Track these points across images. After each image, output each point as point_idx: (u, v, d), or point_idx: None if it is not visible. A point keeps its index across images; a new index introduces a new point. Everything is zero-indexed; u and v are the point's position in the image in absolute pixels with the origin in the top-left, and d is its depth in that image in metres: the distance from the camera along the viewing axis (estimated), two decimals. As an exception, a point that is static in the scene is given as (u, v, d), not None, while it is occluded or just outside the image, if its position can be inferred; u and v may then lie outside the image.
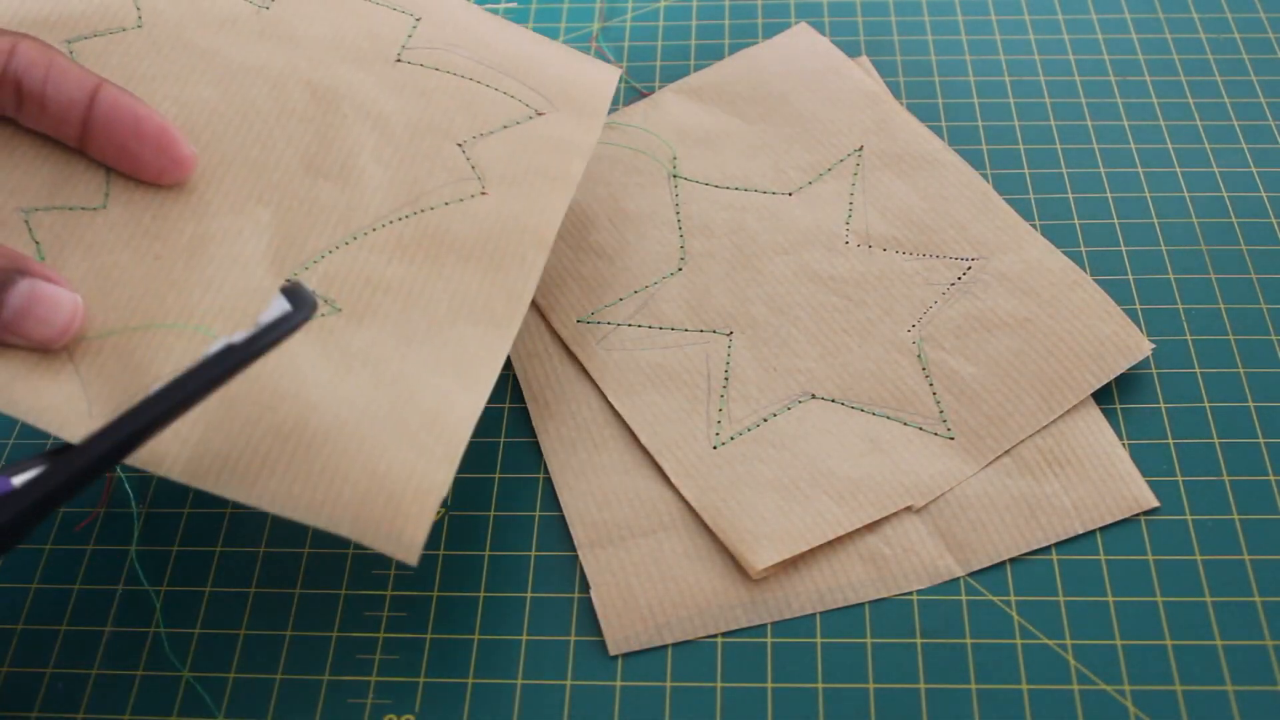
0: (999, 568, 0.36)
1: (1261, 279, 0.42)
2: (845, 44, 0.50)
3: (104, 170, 0.36)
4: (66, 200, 0.35)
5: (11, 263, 0.32)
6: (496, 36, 0.43)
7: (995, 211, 0.43)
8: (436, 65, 0.41)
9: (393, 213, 0.38)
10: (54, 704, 0.34)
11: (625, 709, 0.34)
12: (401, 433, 0.33)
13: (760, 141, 0.46)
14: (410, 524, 0.32)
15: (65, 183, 0.35)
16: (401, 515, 0.32)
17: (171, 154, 0.35)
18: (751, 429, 0.38)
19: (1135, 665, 0.34)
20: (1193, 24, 0.50)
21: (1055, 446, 0.38)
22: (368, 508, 0.32)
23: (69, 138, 0.35)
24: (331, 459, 0.32)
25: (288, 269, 0.36)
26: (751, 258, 0.42)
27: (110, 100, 0.34)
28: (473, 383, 0.35)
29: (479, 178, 0.39)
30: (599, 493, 0.38)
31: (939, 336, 0.40)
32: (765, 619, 0.35)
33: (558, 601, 0.36)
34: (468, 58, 0.42)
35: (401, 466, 0.32)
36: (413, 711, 0.34)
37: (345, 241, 0.37)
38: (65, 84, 0.34)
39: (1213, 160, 0.45)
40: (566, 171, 0.40)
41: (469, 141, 0.39)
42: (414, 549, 0.31)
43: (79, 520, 0.38)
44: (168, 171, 0.35)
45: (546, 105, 0.41)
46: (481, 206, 0.38)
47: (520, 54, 0.42)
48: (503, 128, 0.40)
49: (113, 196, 0.35)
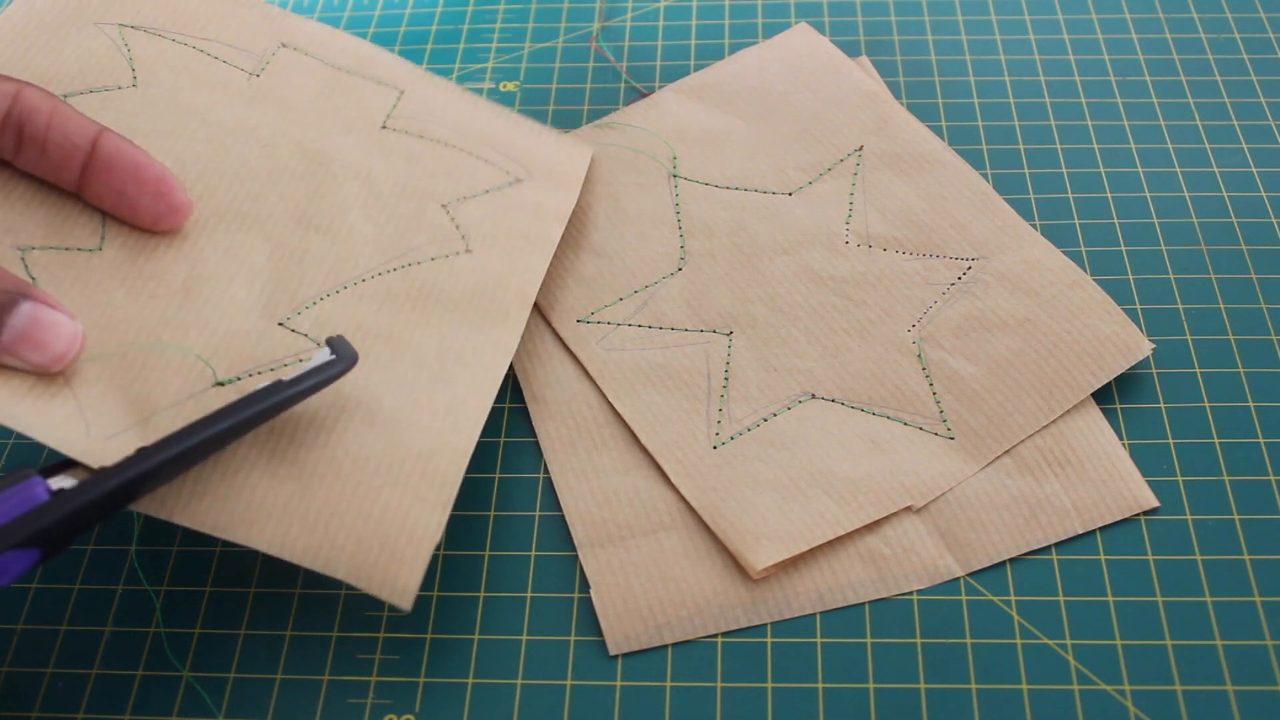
0: (999, 568, 0.36)
1: (1261, 279, 0.42)
2: (845, 44, 0.50)
3: (100, 214, 0.37)
4: (63, 241, 0.36)
5: (15, 286, 0.33)
6: (476, 111, 0.45)
7: (995, 211, 0.43)
8: (420, 133, 0.43)
9: (381, 265, 0.39)
10: (54, 704, 0.34)
11: (625, 709, 0.34)
12: (395, 476, 0.34)
13: (760, 141, 0.46)
14: (405, 570, 0.33)
15: (62, 225, 0.36)
16: (396, 561, 0.33)
17: (169, 200, 0.36)
18: (751, 429, 0.38)
19: (1135, 665, 0.34)
20: (1193, 24, 0.50)
21: (1055, 446, 0.38)
22: (363, 553, 0.33)
23: (67, 182, 0.36)
24: (328, 504, 0.33)
25: (280, 314, 0.37)
26: (751, 258, 0.42)
27: (112, 147, 0.35)
28: (462, 424, 0.36)
29: (463, 237, 0.40)
30: (599, 493, 0.38)
31: (939, 336, 0.40)
32: (765, 619, 0.35)
33: (558, 601, 0.36)
34: (449, 128, 0.43)
35: (396, 512, 0.33)
36: (413, 711, 0.34)
37: (336, 290, 0.38)
38: (69, 129, 0.35)
39: (1213, 160, 0.45)
40: (546, 234, 0.42)
41: (453, 203, 0.41)
42: (408, 595, 0.32)
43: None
44: (164, 218, 0.36)
45: (524, 174, 0.43)
46: (466, 264, 0.40)
47: (499, 128, 0.44)
48: (485, 192, 0.42)
49: (108, 239, 0.36)
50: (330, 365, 0.33)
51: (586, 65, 0.51)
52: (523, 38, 0.52)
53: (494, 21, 0.53)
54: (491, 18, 0.53)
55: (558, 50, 0.51)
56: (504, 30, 0.52)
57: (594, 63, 0.51)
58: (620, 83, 0.50)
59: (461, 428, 0.36)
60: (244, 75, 0.42)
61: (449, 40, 0.52)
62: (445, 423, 0.36)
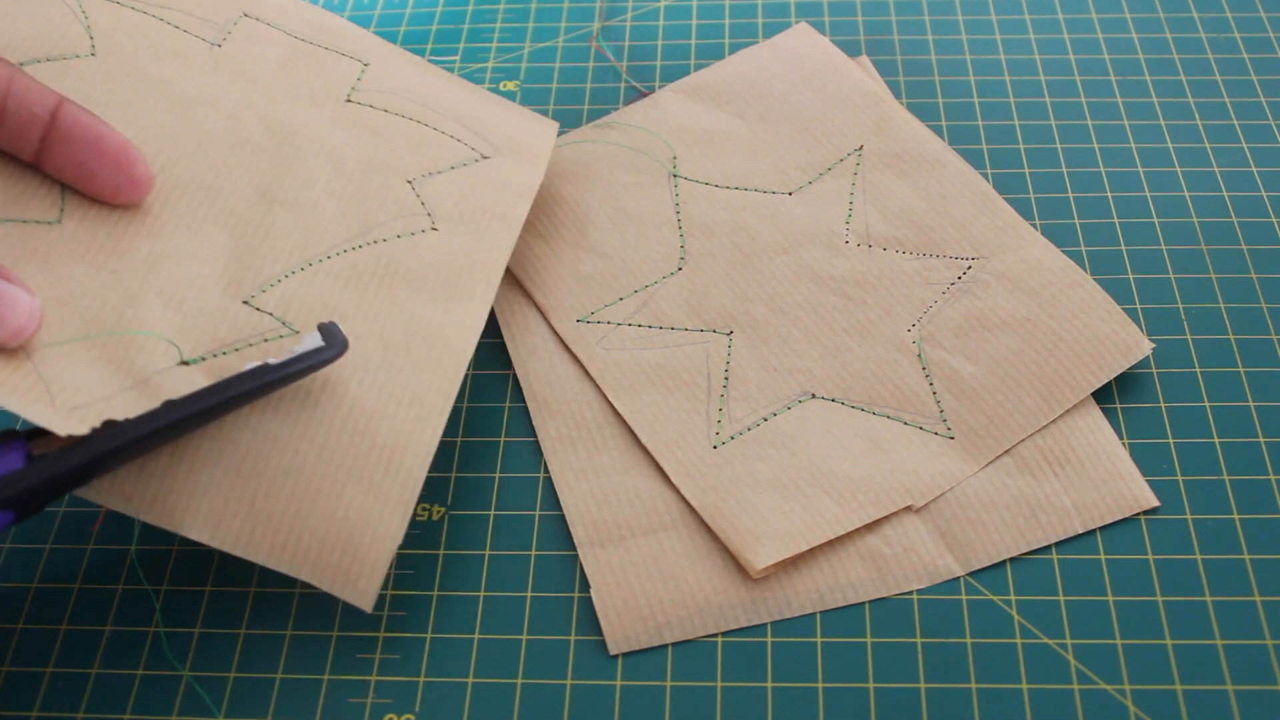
0: (999, 567, 0.36)
1: (1261, 279, 0.42)
2: (845, 44, 0.50)
3: (59, 186, 0.36)
4: (20, 213, 0.35)
5: None
6: (442, 86, 0.44)
7: (995, 211, 0.43)
8: (386, 107, 0.42)
9: (346, 242, 0.38)
10: (54, 704, 0.34)
11: (625, 709, 0.34)
12: (359, 471, 0.34)
13: (760, 141, 0.46)
14: (366, 572, 0.33)
15: (19, 197, 0.35)
16: (359, 563, 0.33)
17: (129, 172, 0.35)
18: (751, 428, 0.38)
19: (1135, 665, 0.34)
20: (1193, 24, 0.50)
21: (1055, 446, 0.37)
22: (326, 554, 0.33)
23: (25, 153, 0.35)
24: (292, 502, 0.33)
25: (244, 291, 0.36)
26: (751, 257, 0.42)
27: (72, 117, 0.34)
28: (428, 413, 0.35)
29: (429, 214, 0.40)
30: (599, 492, 0.38)
31: (939, 336, 0.40)
32: (765, 619, 0.35)
33: (558, 601, 0.36)
34: (415, 102, 0.43)
35: (359, 512, 0.33)
36: (413, 711, 0.34)
37: (301, 267, 0.37)
38: (28, 99, 0.34)
39: (1213, 160, 0.45)
40: (512, 212, 0.41)
41: (418, 179, 0.40)
42: (369, 597, 0.33)
43: (91, 522, 0.38)
44: (124, 190, 0.35)
45: (491, 150, 0.42)
46: (432, 241, 0.39)
47: (465, 103, 0.44)
48: (450, 168, 0.41)
49: (68, 212, 0.35)
50: (320, 351, 0.33)
51: (586, 65, 0.51)
52: (523, 38, 0.52)
53: (494, 21, 0.53)
54: (491, 18, 0.53)
55: (558, 50, 0.51)
56: (504, 30, 0.52)
57: (594, 63, 0.51)
58: (620, 83, 0.50)
59: (427, 416, 0.35)
60: (205, 45, 0.41)
61: (449, 40, 0.52)
62: (411, 411, 0.35)
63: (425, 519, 0.38)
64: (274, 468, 0.33)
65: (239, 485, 0.33)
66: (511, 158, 0.43)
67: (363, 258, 0.38)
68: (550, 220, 0.44)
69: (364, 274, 0.37)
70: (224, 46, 0.41)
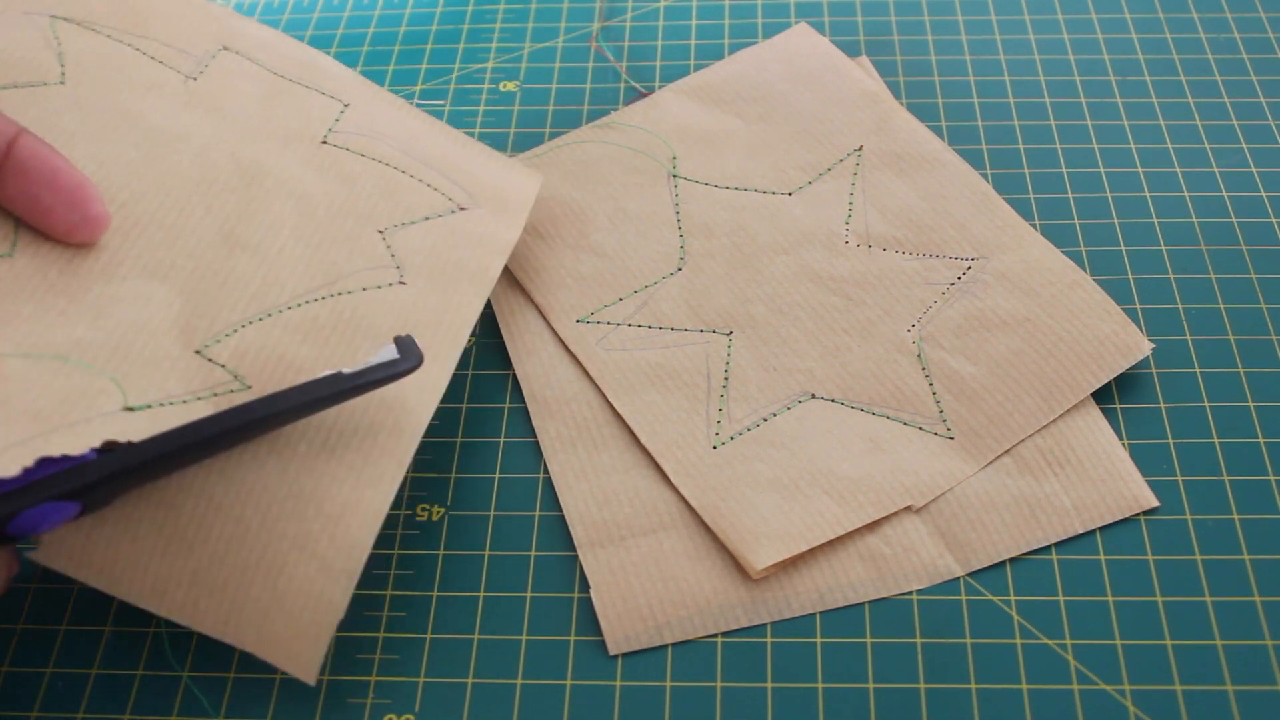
0: (999, 568, 0.36)
1: (1261, 279, 0.42)
2: (845, 44, 0.50)
3: (13, 219, 0.34)
4: None
5: None
6: (422, 131, 0.43)
7: (995, 211, 0.43)
8: (362, 151, 0.41)
9: (309, 293, 0.37)
10: (54, 704, 0.34)
11: (625, 709, 0.34)
12: (302, 541, 0.33)
13: (760, 141, 0.46)
14: (308, 646, 0.32)
15: None
16: (300, 637, 0.32)
17: (84, 211, 0.34)
18: (751, 429, 0.38)
19: (1135, 665, 0.34)
20: (1193, 24, 0.50)
21: (1055, 446, 0.38)
22: (269, 626, 0.32)
23: None
24: (235, 572, 0.32)
25: (198, 339, 0.35)
26: (751, 257, 0.42)
27: (29, 149, 0.33)
28: (379, 478, 0.34)
29: (398, 266, 0.38)
30: (599, 493, 0.38)
31: (939, 336, 0.40)
32: (765, 619, 0.35)
33: (558, 601, 0.36)
34: (393, 147, 0.41)
35: (302, 583, 0.32)
36: (413, 711, 0.34)
37: (259, 317, 0.36)
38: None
39: (1213, 160, 0.45)
40: (486, 268, 0.40)
41: (390, 229, 0.39)
42: (311, 670, 0.32)
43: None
44: (77, 229, 0.34)
45: (469, 200, 0.41)
46: (399, 296, 0.37)
47: (446, 150, 0.42)
48: (424, 219, 0.40)
49: (20, 247, 0.34)
50: (394, 364, 0.33)
51: (586, 65, 0.51)
52: (523, 38, 0.52)
53: (494, 21, 0.53)
54: (491, 18, 0.53)
55: (558, 50, 0.51)
56: (504, 30, 0.52)
57: (594, 63, 0.51)
58: (620, 83, 0.50)
59: (378, 481, 0.34)
60: (181, 78, 0.40)
61: (449, 40, 0.52)
62: (361, 476, 0.34)
63: (425, 519, 0.38)
64: (217, 536, 0.32)
65: (182, 555, 0.32)
66: (490, 210, 0.41)
67: (324, 310, 0.36)
68: (550, 220, 0.44)
69: (324, 327, 0.36)
70: (200, 80, 0.40)
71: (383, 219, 0.39)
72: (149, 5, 0.41)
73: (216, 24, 0.42)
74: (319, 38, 0.53)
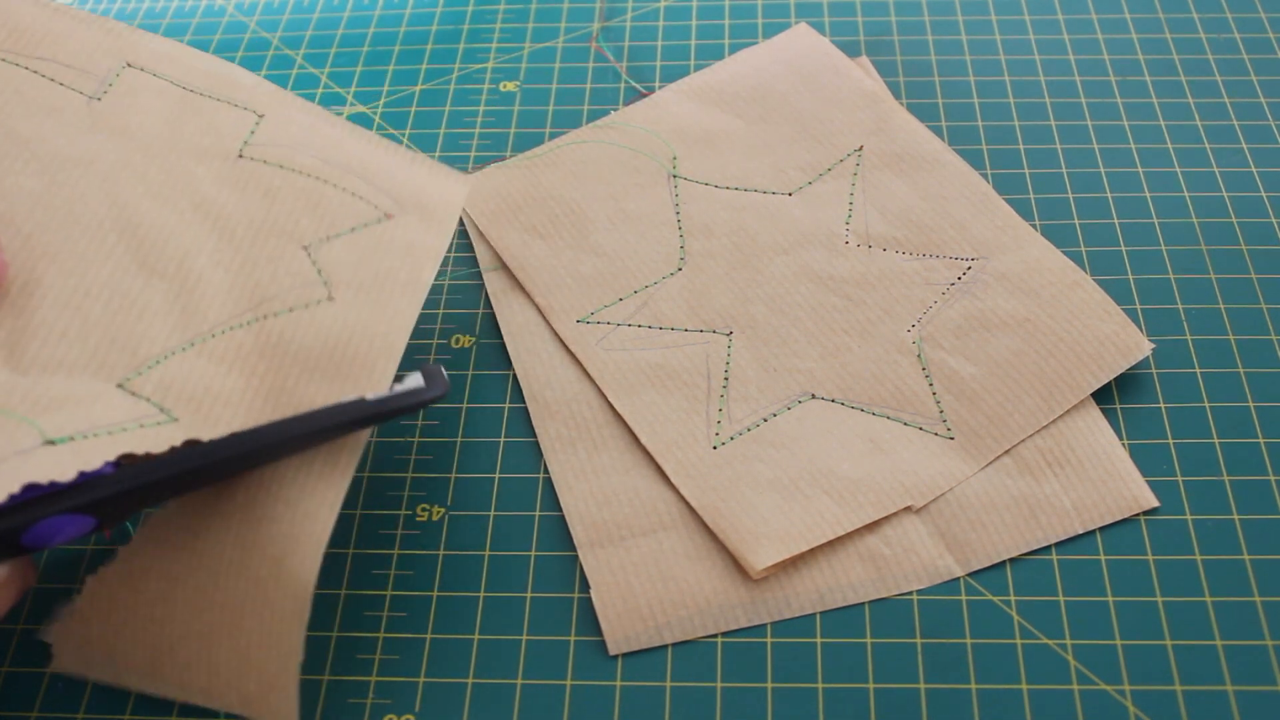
0: (999, 568, 0.36)
1: (1261, 279, 0.42)
2: (845, 44, 0.50)
3: None
4: None
5: None
6: (343, 138, 0.41)
7: (995, 211, 0.43)
8: (281, 163, 0.39)
9: (233, 318, 0.35)
10: (54, 704, 0.34)
11: (625, 709, 0.34)
12: (252, 591, 0.32)
13: (760, 141, 0.46)
14: (279, 695, 0.32)
15: None
16: (271, 689, 0.32)
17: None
18: (751, 429, 0.38)
19: (1135, 665, 0.34)
20: (1193, 24, 0.50)
21: (1055, 446, 0.38)
22: (243, 685, 0.32)
23: None
24: (203, 641, 0.32)
25: (118, 373, 0.33)
26: (751, 258, 0.42)
27: None
28: (315, 510, 0.33)
29: (325, 283, 0.37)
30: (599, 493, 0.38)
31: (939, 336, 0.40)
32: (765, 619, 0.35)
33: (558, 601, 0.36)
34: (313, 157, 0.40)
35: (260, 635, 0.32)
36: (413, 711, 0.34)
37: (183, 347, 0.34)
38: None
39: (1213, 160, 0.45)
40: (418, 277, 0.38)
41: (315, 244, 0.37)
42: (290, 716, 0.32)
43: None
44: None
45: (395, 208, 0.39)
46: (328, 314, 0.36)
47: (367, 156, 0.41)
48: (350, 230, 0.38)
49: None
50: (419, 391, 0.33)
51: (586, 65, 0.51)
52: (523, 38, 0.52)
53: (494, 21, 0.53)
54: (491, 18, 0.53)
55: (558, 50, 0.51)
56: (504, 30, 0.52)
57: (594, 63, 0.51)
58: (620, 83, 0.50)
59: (315, 513, 0.33)
60: (83, 99, 0.38)
61: (449, 40, 0.52)
62: (297, 510, 0.33)
63: (425, 519, 0.38)
64: (182, 608, 0.32)
65: (154, 634, 0.32)
66: (417, 216, 0.39)
67: (250, 336, 0.35)
68: (550, 220, 0.44)
69: (250, 355, 0.35)
70: (104, 100, 0.38)
71: (307, 234, 0.38)
72: (44, 24, 0.39)
73: (118, 40, 0.40)
74: (319, 38, 0.53)
